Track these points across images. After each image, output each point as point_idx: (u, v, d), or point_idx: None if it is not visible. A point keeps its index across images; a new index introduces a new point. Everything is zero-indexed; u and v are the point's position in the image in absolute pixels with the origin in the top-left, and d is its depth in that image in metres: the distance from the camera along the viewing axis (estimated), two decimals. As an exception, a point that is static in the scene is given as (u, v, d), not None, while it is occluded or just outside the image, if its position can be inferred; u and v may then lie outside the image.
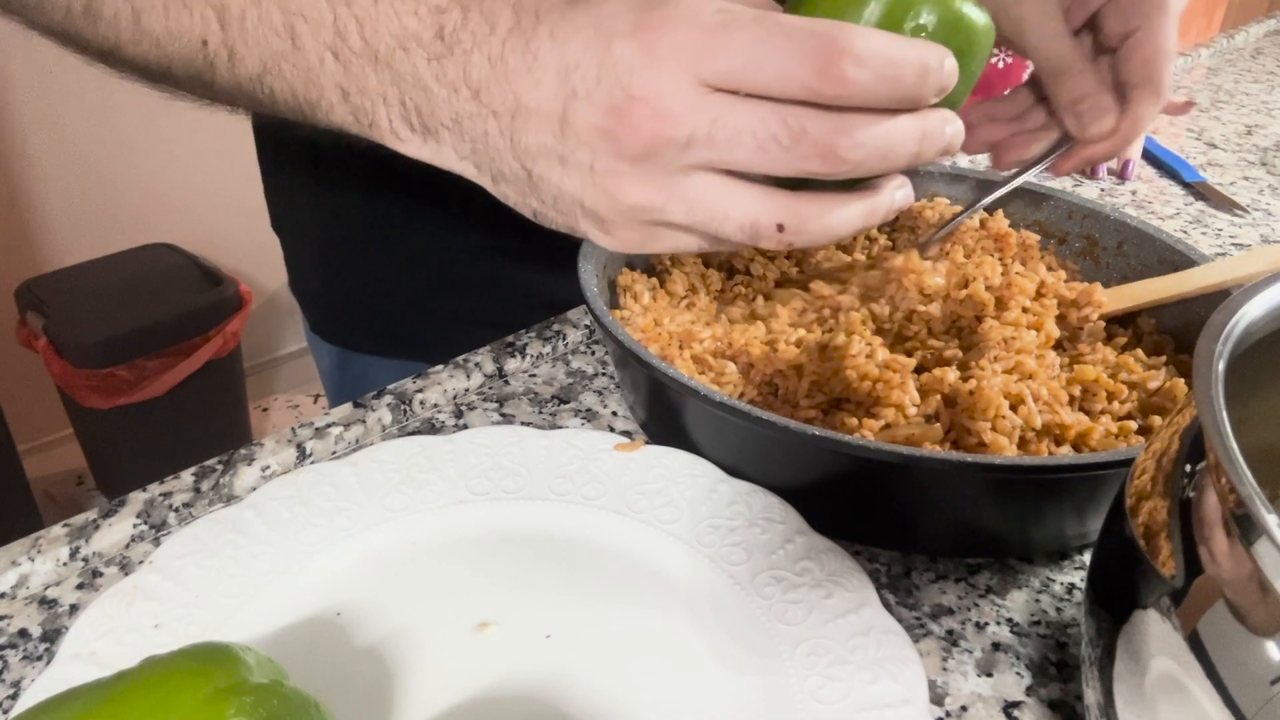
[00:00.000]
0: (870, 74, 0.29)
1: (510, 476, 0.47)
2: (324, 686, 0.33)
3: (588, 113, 0.32)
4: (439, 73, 0.35)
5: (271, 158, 0.71)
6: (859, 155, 0.31)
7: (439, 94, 0.36)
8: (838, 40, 0.29)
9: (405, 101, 0.37)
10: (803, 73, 0.30)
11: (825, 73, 0.29)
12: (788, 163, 0.31)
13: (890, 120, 0.31)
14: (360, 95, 0.37)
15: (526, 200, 0.37)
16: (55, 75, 1.65)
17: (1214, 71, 1.29)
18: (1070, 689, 0.39)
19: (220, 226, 1.92)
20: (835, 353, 0.50)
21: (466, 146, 0.36)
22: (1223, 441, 0.25)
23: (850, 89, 0.30)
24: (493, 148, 0.36)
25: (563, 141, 0.33)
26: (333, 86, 0.38)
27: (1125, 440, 0.46)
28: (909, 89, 0.30)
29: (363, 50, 0.36)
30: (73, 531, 0.44)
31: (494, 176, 0.37)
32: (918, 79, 0.30)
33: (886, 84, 0.30)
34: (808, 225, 0.33)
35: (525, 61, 0.34)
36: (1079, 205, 0.63)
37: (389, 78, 0.36)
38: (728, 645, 0.39)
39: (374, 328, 0.72)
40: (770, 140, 0.31)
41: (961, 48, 0.32)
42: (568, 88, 0.33)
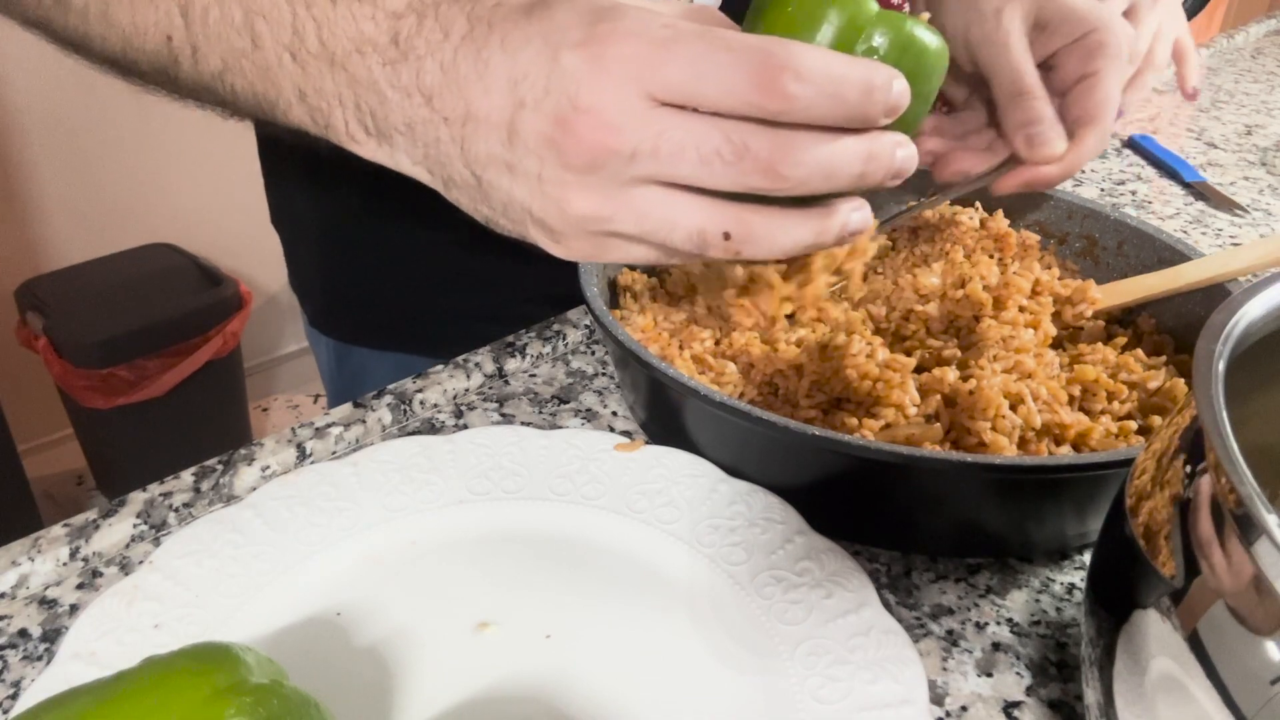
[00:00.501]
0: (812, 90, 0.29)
1: (510, 476, 0.47)
2: (324, 686, 0.33)
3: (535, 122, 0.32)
4: (393, 77, 0.35)
5: (271, 152, 0.71)
6: (801, 173, 0.30)
7: (392, 98, 0.36)
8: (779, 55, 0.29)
9: (360, 105, 0.37)
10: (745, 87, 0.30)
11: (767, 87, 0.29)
12: (731, 178, 0.31)
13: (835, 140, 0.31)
14: (317, 96, 0.37)
15: (478, 207, 0.37)
16: (55, 75, 1.65)
17: (1214, 71, 1.29)
18: (1070, 689, 0.39)
19: (220, 226, 1.92)
20: (835, 353, 0.50)
21: (419, 151, 0.36)
22: (1223, 441, 0.25)
23: (792, 105, 0.30)
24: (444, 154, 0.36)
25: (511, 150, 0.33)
26: (290, 87, 0.38)
27: (1125, 440, 0.46)
28: (854, 107, 0.30)
29: (320, 52, 0.36)
30: (73, 531, 0.44)
31: (445, 182, 0.37)
32: (862, 97, 0.30)
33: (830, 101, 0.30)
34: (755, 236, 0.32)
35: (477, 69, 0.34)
36: (1079, 205, 0.63)
37: (344, 80, 0.36)
38: (728, 645, 0.39)
39: (372, 320, 0.72)
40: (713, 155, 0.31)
41: (914, 70, 0.32)
42: (516, 97, 0.33)
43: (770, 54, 0.29)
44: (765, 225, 0.32)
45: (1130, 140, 1.02)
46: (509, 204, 0.35)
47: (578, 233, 0.34)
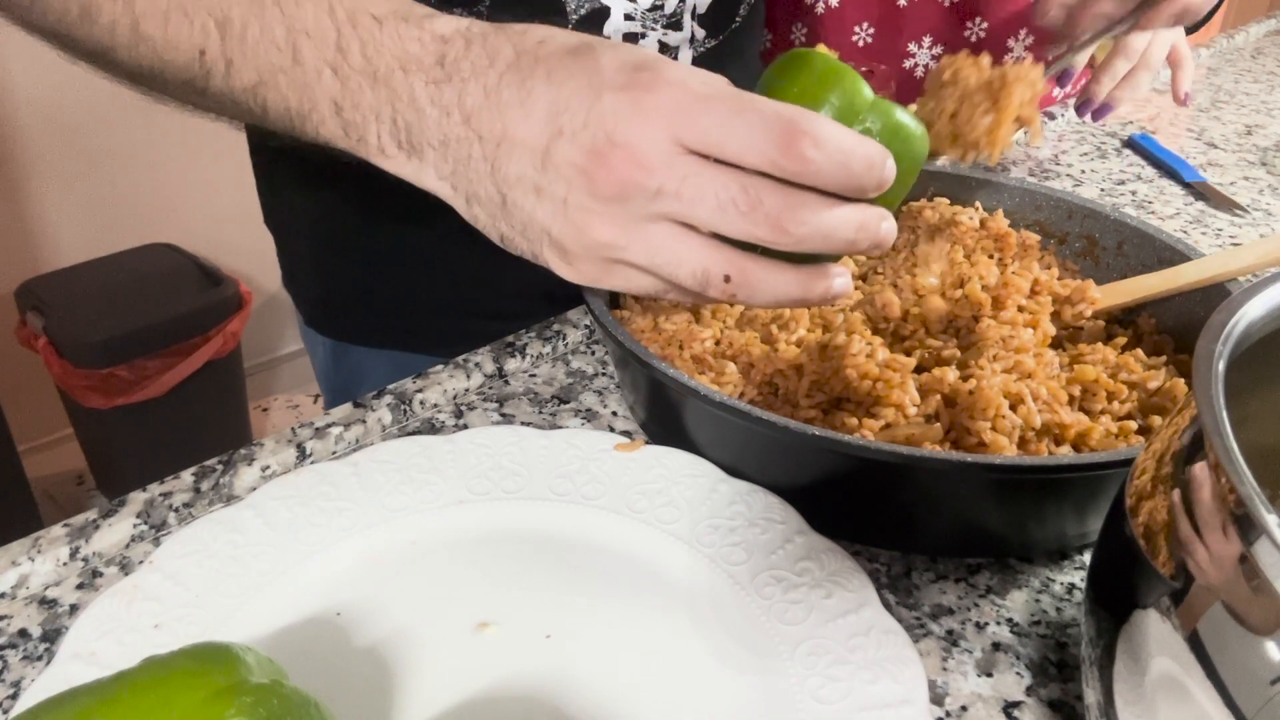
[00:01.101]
0: (825, 157, 0.33)
1: (510, 476, 0.47)
2: (324, 686, 0.33)
3: (570, 151, 0.35)
4: (435, 95, 0.38)
5: (263, 153, 0.71)
6: (803, 231, 0.34)
7: (431, 115, 0.38)
8: (801, 123, 0.33)
9: (397, 120, 0.39)
10: (769, 146, 0.33)
11: (788, 149, 0.33)
12: (741, 227, 0.34)
13: (836, 206, 0.34)
14: (353, 110, 0.39)
15: (496, 224, 0.39)
16: (56, 76, 1.65)
17: (1214, 71, 1.29)
18: (1070, 689, 0.39)
19: (220, 226, 1.92)
20: (835, 352, 0.50)
21: (448, 167, 0.39)
22: (1223, 441, 0.25)
23: (807, 167, 0.33)
24: (474, 171, 0.38)
25: (542, 173, 0.36)
26: (327, 100, 0.39)
27: (1125, 440, 0.46)
28: (855, 178, 0.33)
29: (363, 68, 0.38)
30: (73, 531, 0.44)
31: (469, 198, 0.39)
32: (864, 170, 0.33)
33: (837, 169, 0.33)
34: (751, 282, 0.36)
35: (519, 96, 0.36)
36: (1079, 205, 0.63)
37: (385, 95, 0.38)
38: (728, 645, 0.39)
39: (367, 319, 0.72)
40: (730, 203, 0.34)
41: (899, 153, 0.35)
42: (555, 126, 0.35)
43: (794, 121, 0.33)
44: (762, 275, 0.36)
45: (1130, 140, 1.02)
46: (529, 224, 0.37)
47: (590, 257, 0.36)
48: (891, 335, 0.55)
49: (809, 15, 0.93)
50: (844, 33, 0.93)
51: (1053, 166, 0.96)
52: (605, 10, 0.60)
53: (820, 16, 0.92)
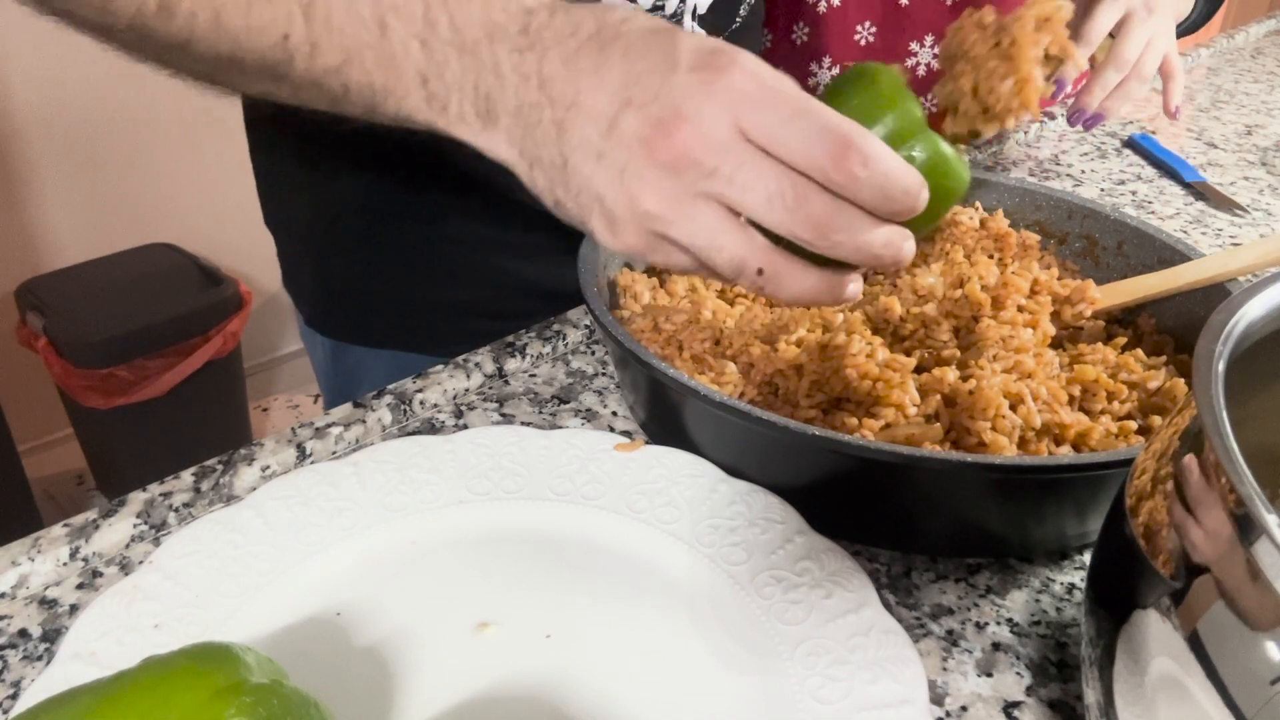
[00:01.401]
0: (869, 176, 0.34)
1: (510, 476, 0.47)
2: (324, 686, 0.33)
3: (635, 122, 0.36)
4: (517, 63, 0.39)
5: (263, 154, 0.71)
6: (839, 238, 0.35)
7: (511, 81, 0.39)
8: (855, 140, 0.34)
9: (479, 88, 0.40)
10: (821, 154, 0.34)
11: (838, 162, 0.34)
12: (784, 222, 0.35)
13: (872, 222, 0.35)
14: (439, 82, 0.41)
15: (553, 189, 0.40)
16: (56, 75, 1.65)
17: (1214, 71, 1.29)
18: (1070, 689, 0.39)
19: (220, 226, 1.92)
20: (835, 352, 0.50)
21: (519, 133, 0.40)
22: (1223, 441, 0.25)
23: (851, 183, 0.34)
24: (542, 134, 0.39)
25: (606, 140, 0.37)
26: (414, 74, 0.41)
27: (1125, 440, 0.46)
28: (890, 202, 0.35)
29: (451, 39, 0.40)
30: (73, 531, 0.44)
31: (532, 162, 0.40)
32: (899, 195, 0.35)
33: (876, 191, 0.34)
34: (781, 279, 0.37)
35: (594, 65, 0.38)
36: (1079, 205, 0.63)
37: (471, 65, 0.40)
38: (728, 645, 0.39)
39: (367, 319, 0.72)
40: (778, 197, 0.35)
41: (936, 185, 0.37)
42: (625, 95, 0.37)
43: (850, 136, 0.34)
44: (791, 273, 0.37)
45: (1130, 140, 1.02)
46: (584, 189, 0.39)
47: (636, 228, 0.38)
48: (891, 335, 0.55)
49: (811, 14, 0.93)
50: (846, 32, 0.92)
51: (1053, 166, 0.96)
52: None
53: (822, 15, 0.92)
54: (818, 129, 0.34)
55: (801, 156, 0.35)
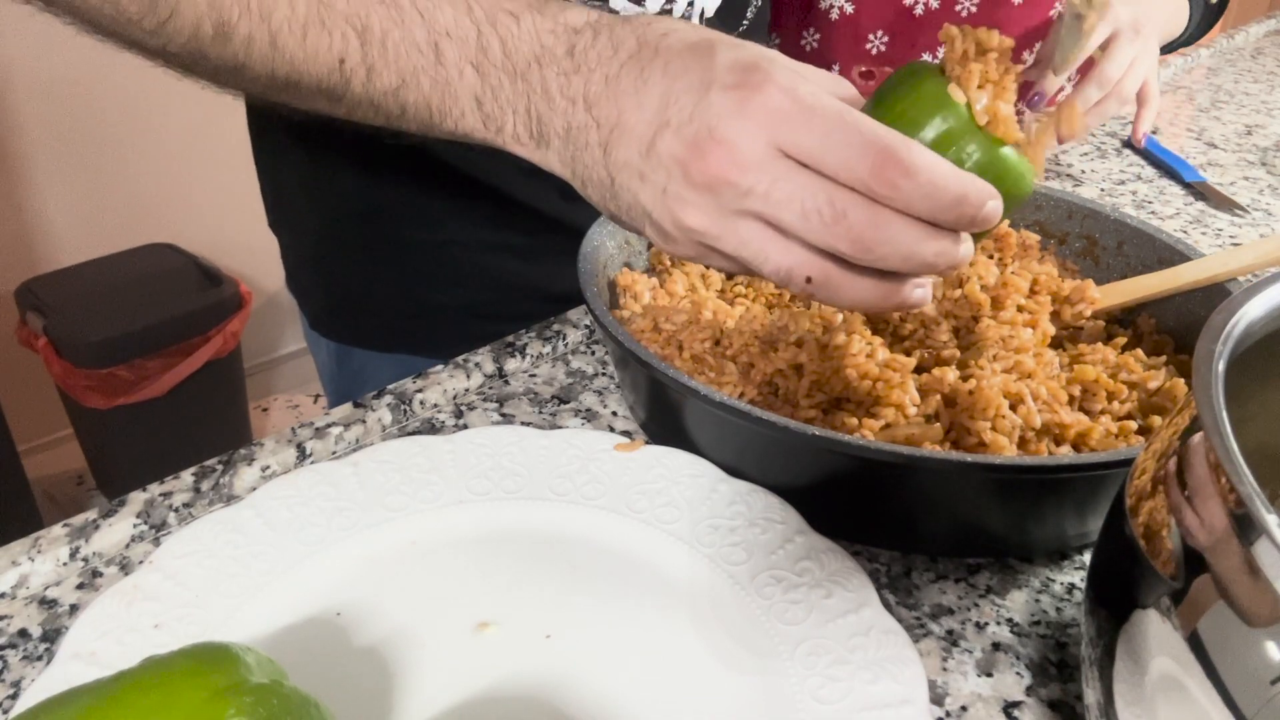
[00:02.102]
0: (914, 187, 0.33)
1: (510, 476, 0.47)
2: (324, 686, 0.33)
3: (672, 142, 0.37)
4: (564, 86, 0.40)
5: (267, 156, 0.71)
6: (883, 251, 0.35)
7: (560, 105, 0.40)
8: (896, 151, 0.33)
9: (531, 110, 0.41)
10: (861, 167, 0.34)
11: (879, 174, 0.34)
12: (822, 237, 0.35)
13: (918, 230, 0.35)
14: (493, 104, 0.41)
15: (606, 204, 0.41)
16: (56, 75, 1.65)
17: (1214, 71, 1.29)
18: (1070, 689, 0.39)
19: (220, 226, 1.92)
20: (835, 352, 0.50)
21: (569, 153, 0.41)
22: (1223, 441, 0.25)
23: (895, 194, 0.34)
24: (589, 156, 0.40)
25: (646, 160, 0.38)
26: (469, 97, 0.41)
27: (1125, 440, 0.46)
28: (944, 211, 0.34)
29: (503, 64, 0.41)
30: (73, 531, 0.44)
31: (584, 181, 0.41)
32: (952, 204, 0.34)
33: (925, 200, 0.34)
34: (831, 286, 0.37)
35: (635, 85, 0.38)
36: (1079, 205, 0.63)
37: (522, 89, 0.41)
38: (728, 645, 0.39)
39: (371, 322, 0.72)
40: (815, 212, 0.35)
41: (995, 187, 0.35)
42: (664, 117, 0.37)
43: (891, 148, 0.34)
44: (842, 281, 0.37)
45: (1130, 140, 1.02)
46: (633, 206, 0.39)
47: (686, 240, 0.38)
48: (891, 335, 0.55)
49: (822, 21, 0.93)
50: (858, 40, 0.92)
51: (1053, 166, 0.96)
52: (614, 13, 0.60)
53: (834, 23, 0.92)
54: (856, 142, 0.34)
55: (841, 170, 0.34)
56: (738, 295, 0.60)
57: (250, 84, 0.44)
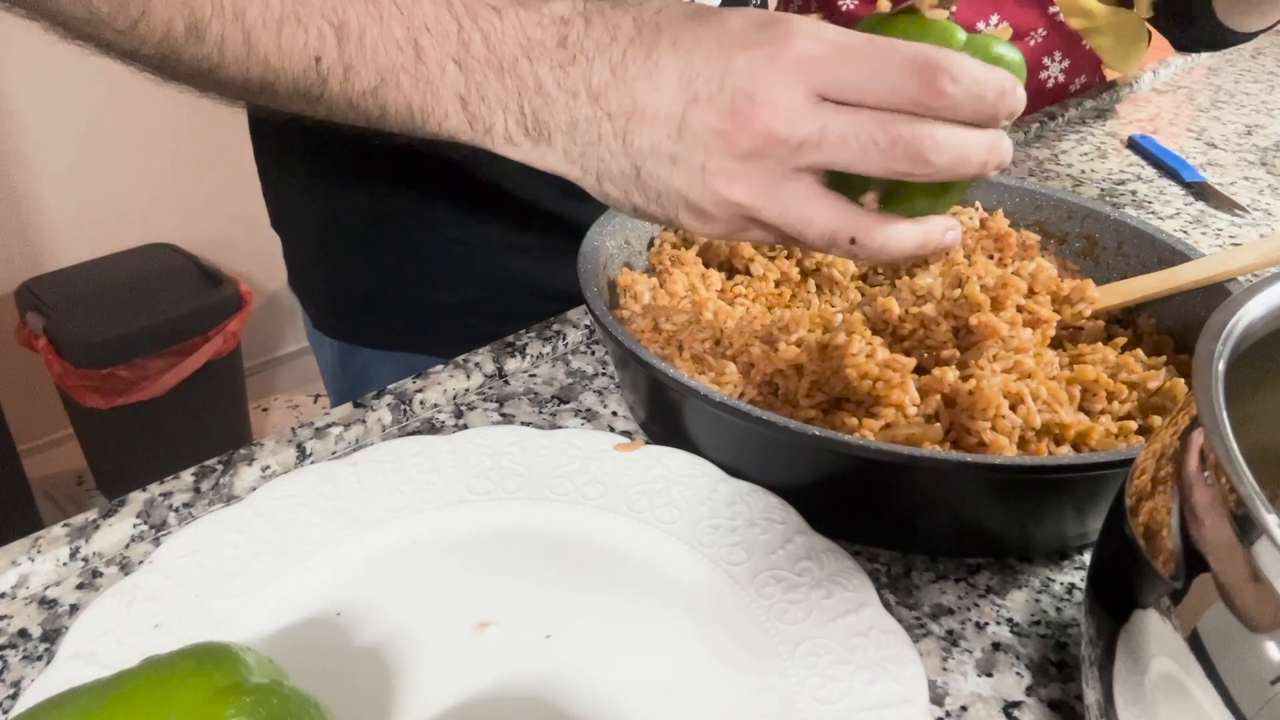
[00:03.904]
0: (961, 90, 0.34)
1: (510, 476, 0.47)
2: (324, 686, 0.33)
3: (706, 116, 0.36)
4: (561, 79, 0.38)
5: (269, 156, 0.71)
6: (941, 159, 0.34)
7: (558, 99, 0.38)
8: (939, 60, 0.34)
9: (524, 108, 0.39)
10: (910, 85, 0.34)
11: (929, 86, 0.34)
12: (883, 163, 0.35)
13: (968, 132, 0.35)
14: (479, 103, 0.40)
15: (629, 197, 0.40)
16: (55, 75, 1.65)
17: (1214, 71, 1.29)
18: (1070, 689, 0.39)
19: (220, 226, 1.92)
20: (835, 352, 0.50)
21: (577, 150, 0.39)
22: (1223, 441, 0.25)
23: (945, 101, 0.34)
24: (605, 149, 0.38)
25: (678, 142, 0.37)
26: (452, 95, 0.40)
27: (1125, 440, 0.46)
28: (989, 106, 0.34)
29: (487, 59, 0.39)
30: (73, 531, 0.44)
31: (599, 176, 0.40)
32: (997, 98, 0.34)
33: (973, 100, 0.34)
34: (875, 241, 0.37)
35: (646, 69, 0.37)
36: (1079, 205, 0.63)
37: (511, 85, 0.39)
38: (728, 645, 0.39)
39: (373, 321, 0.72)
40: (870, 143, 0.34)
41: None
42: (689, 94, 0.36)
43: (933, 58, 0.34)
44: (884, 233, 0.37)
45: (1130, 140, 1.02)
46: (664, 192, 0.38)
47: (726, 216, 0.38)
48: (891, 335, 0.55)
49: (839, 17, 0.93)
50: None
51: (1053, 166, 0.96)
52: None
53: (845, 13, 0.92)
54: (899, 64, 0.34)
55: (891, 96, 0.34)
56: (738, 295, 0.60)
57: (226, 87, 0.43)
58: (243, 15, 0.39)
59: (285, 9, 0.39)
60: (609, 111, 0.38)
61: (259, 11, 0.39)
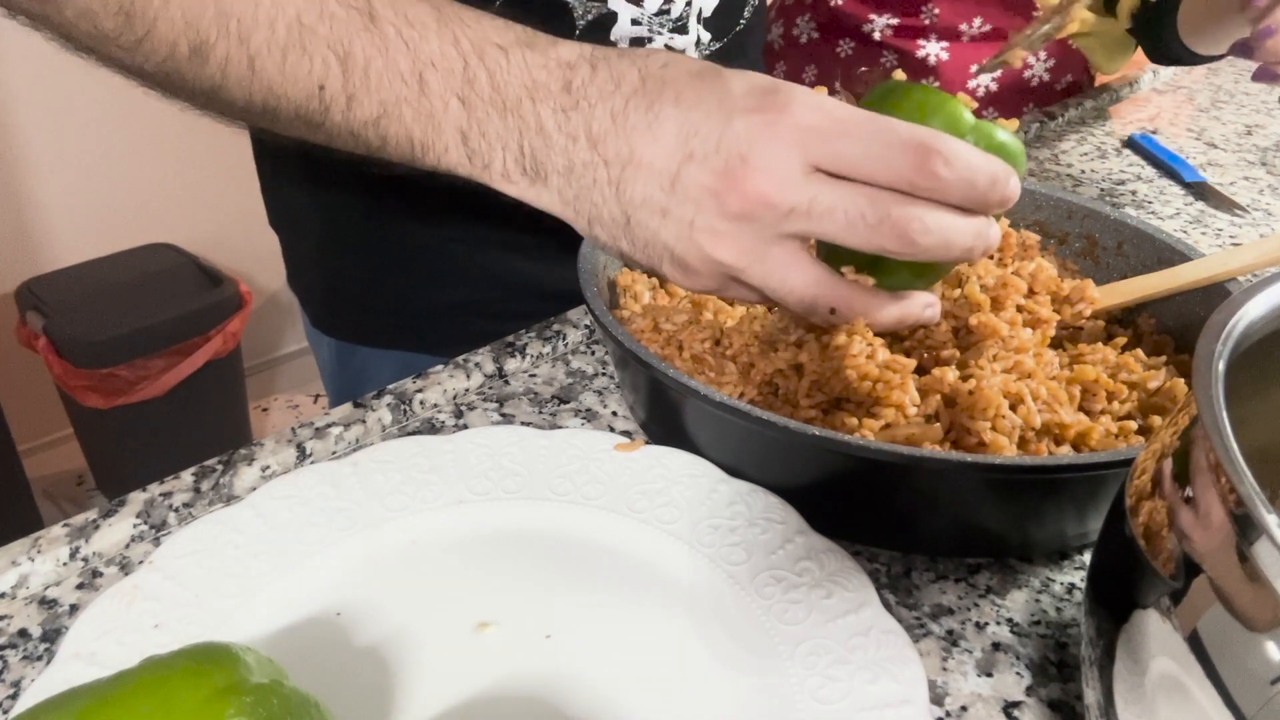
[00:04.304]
0: (954, 175, 0.34)
1: (510, 476, 0.47)
2: (324, 686, 0.33)
3: (700, 175, 0.36)
4: (562, 122, 0.39)
5: (268, 155, 0.71)
6: (928, 241, 0.35)
7: (558, 142, 0.39)
8: (933, 143, 0.34)
9: (524, 147, 0.40)
10: (903, 165, 0.34)
11: (921, 168, 0.34)
12: (869, 240, 0.35)
13: (956, 217, 0.35)
14: (480, 139, 0.40)
15: (617, 243, 0.40)
16: (55, 76, 1.65)
17: (1214, 71, 1.29)
18: (1070, 689, 0.39)
19: (220, 226, 1.92)
20: (835, 352, 0.50)
21: (571, 192, 0.40)
22: (1223, 441, 0.25)
23: (937, 183, 0.34)
24: (598, 194, 0.39)
25: (670, 195, 0.37)
26: (453, 130, 0.40)
27: (1125, 440, 0.46)
28: (980, 193, 0.35)
29: (491, 97, 0.39)
30: (73, 531, 0.44)
31: (590, 220, 0.40)
32: (988, 186, 0.35)
33: (964, 185, 0.34)
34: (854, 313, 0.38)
35: (646, 120, 0.37)
36: (1079, 205, 0.63)
37: (513, 124, 0.39)
38: (728, 645, 0.39)
39: (373, 320, 0.72)
40: (859, 218, 0.35)
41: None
42: (686, 150, 0.36)
43: (927, 141, 0.34)
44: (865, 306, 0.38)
45: (1130, 140, 1.02)
46: (651, 242, 0.39)
47: (709, 273, 0.38)
48: (891, 335, 0.55)
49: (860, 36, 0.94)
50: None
51: (1053, 166, 0.96)
52: (612, 15, 0.60)
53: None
54: (896, 143, 0.34)
55: (884, 173, 0.35)
56: (738, 295, 0.60)
57: (228, 108, 0.43)
58: (248, 40, 0.39)
59: (291, 36, 0.39)
60: (606, 158, 0.38)
61: (265, 36, 0.39)
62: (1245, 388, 0.30)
